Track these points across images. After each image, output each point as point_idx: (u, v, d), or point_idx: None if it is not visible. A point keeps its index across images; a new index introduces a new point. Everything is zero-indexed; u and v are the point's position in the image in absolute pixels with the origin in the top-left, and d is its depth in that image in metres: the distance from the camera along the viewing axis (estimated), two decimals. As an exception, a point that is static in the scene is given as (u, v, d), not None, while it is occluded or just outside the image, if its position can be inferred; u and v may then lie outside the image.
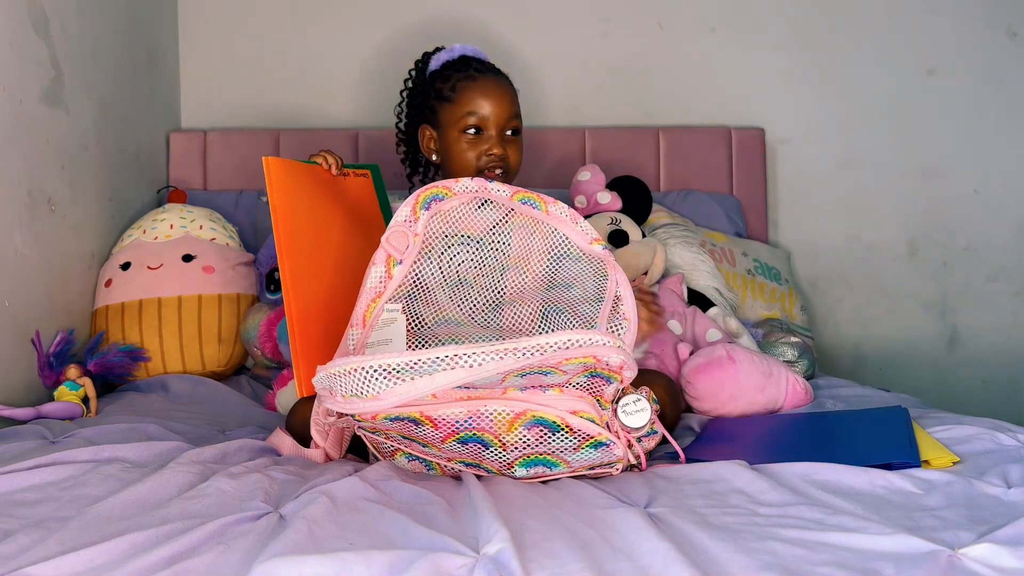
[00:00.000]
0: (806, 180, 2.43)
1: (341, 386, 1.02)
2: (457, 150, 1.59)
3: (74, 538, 0.89)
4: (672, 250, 1.99)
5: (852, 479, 1.07)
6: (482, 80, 1.61)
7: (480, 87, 1.60)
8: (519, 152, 1.61)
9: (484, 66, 1.65)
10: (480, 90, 1.59)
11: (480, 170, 1.57)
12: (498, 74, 1.65)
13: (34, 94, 1.66)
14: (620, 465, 1.15)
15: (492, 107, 1.58)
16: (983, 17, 2.42)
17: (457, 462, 1.14)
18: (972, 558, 0.83)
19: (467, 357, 0.99)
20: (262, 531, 0.91)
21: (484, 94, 1.59)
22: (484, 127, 1.58)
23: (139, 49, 2.14)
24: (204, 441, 1.31)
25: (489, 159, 1.57)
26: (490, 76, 1.63)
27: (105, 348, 1.74)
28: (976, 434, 1.22)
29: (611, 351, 1.05)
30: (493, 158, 1.57)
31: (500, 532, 0.87)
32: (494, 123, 1.58)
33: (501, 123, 1.58)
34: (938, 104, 2.43)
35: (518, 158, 1.61)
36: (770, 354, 1.74)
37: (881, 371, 2.40)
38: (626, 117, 2.39)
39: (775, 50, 2.42)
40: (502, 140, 1.59)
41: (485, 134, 1.58)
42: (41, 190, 1.67)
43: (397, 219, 1.28)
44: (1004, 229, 2.44)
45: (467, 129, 1.58)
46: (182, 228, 1.91)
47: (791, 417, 1.47)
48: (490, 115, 1.58)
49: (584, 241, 1.29)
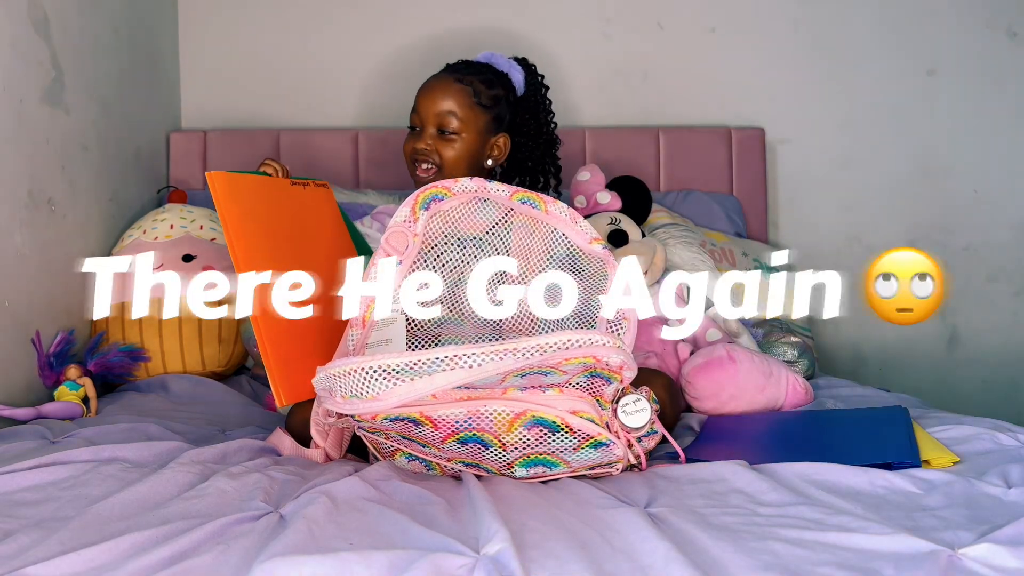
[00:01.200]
0: (806, 180, 2.43)
1: (341, 387, 1.02)
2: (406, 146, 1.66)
3: (74, 538, 0.89)
4: (672, 250, 1.99)
5: (852, 479, 1.07)
6: (428, 80, 1.68)
7: (423, 87, 1.67)
8: (454, 150, 1.63)
9: (449, 67, 1.69)
10: (421, 89, 1.67)
11: (411, 163, 1.65)
12: (446, 73, 1.67)
13: (34, 94, 1.66)
14: (620, 465, 1.15)
15: (422, 104, 1.65)
16: (983, 17, 2.42)
17: (457, 462, 1.14)
18: (972, 558, 0.83)
19: (467, 358, 0.99)
20: (262, 531, 0.91)
21: (421, 92, 1.66)
22: (418, 124, 1.65)
23: (139, 49, 2.13)
24: (204, 441, 1.31)
25: (415, 152, 1.63)
26: (436, 75, 1.68)
27: (105, 348, 1.74)
28: (976, 434, 1.23)
29: (611, 351, 1.05)
30: (418, 151, 1.63)
31: (500, 532, 0.87)
32: (425, 119, 1.64)
33: (429, 119, 1.63)
34: (938, 104, 2.42)
35: (452, 155, 1.63)
36: (770, 354, 1.73)
37: (881, 371, 2.40)
38: (626, 117, 2.39)
39: (775, 50, 2.42)
40: (435, 138, 1.63)
41: (421, 130, 1.64)
42: (41, 190, 1.67)
43: (396, 219, 1.28)
44: (1004, 229, 2.44)
45: (410, 126, 1.66)
46: (182, 228, 1.91)
47: (791, 416, 1.47)
48: (420, 111, 1.65)
49: (584, 240, 1.29)
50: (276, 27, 2.37)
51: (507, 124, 1.70)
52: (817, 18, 2.41)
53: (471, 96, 1.64)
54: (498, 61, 1.72)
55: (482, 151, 1.67)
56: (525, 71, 1.75)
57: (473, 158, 1.65)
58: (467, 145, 1.63)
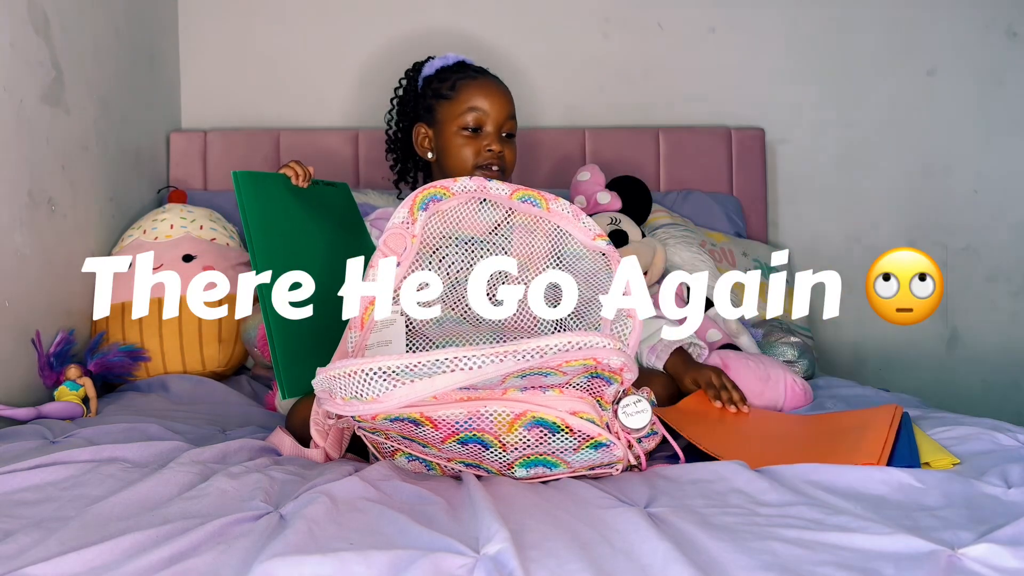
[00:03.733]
0: (806, 180, 2.43)
1: (341, 388, 1.02)
2: (454, 146, 1.58)
3: (74, 538, 0.89)
4: (672, 250, 1.99)
5: (852, 479, 1.07)
6: (482, 79, 1.62)
7: (480, 85, 1.60)
8: (514, 154, 1.61)
9: (481, 70, 1.65)
10: (480, 88, 1.59)
11: (477, 167, 1.56)
12: (495, 77, 1.65)
13: (34, 94, 1.66)
14: (620, 465, 1.15)
15: (491, 105, 1.58)
16: (983, 17, 2.42)
17: (457, 462, 1.14)
18: (972, 558, 0.83)
19: (467, 359, 0.99)
20: (262, 531, 0.91)
21: (484, 92, 1.59)
22: (482, 125, 1.58)
23: (139, 49, 2.14)
24: (204, 441, 1.31)
25: (487, 156, 1.56)
26: (489, 77, 1.64)
27: (105, 348, 1.74)
28: (976, 434, 1.22)
29: (612, 353, 1.05)
30: (491, 155, 1.56)
31: (500, 532, 0.87)
32: (493, 121, 1.57)
33: (499, 122, 1.58)
34: (938, 104, 2.43)
35: (513, 159, 1.61)
36: (770, 354, 1.74)
37: (881, 371, 2.40)
38: (626, 117, 2.39)
39: (775, 50, 2.42)
40: (499, 139, 1.58)
41: (483, 132, 1.58)
42: (41, 190, 1.67)
43: (394, 220, 1.27)
44: (1004, 229, 2.44)
45: (465, 127, 1.57)
46: (182, 228, 1.92)
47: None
48: (489, 112, 1.57)
49: (587, 237, 1.28)
50: (276, 27, 2.38)
51: None
52: (817, 18, 2.42)
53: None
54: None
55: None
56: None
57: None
58: (515, 145, 1.63)
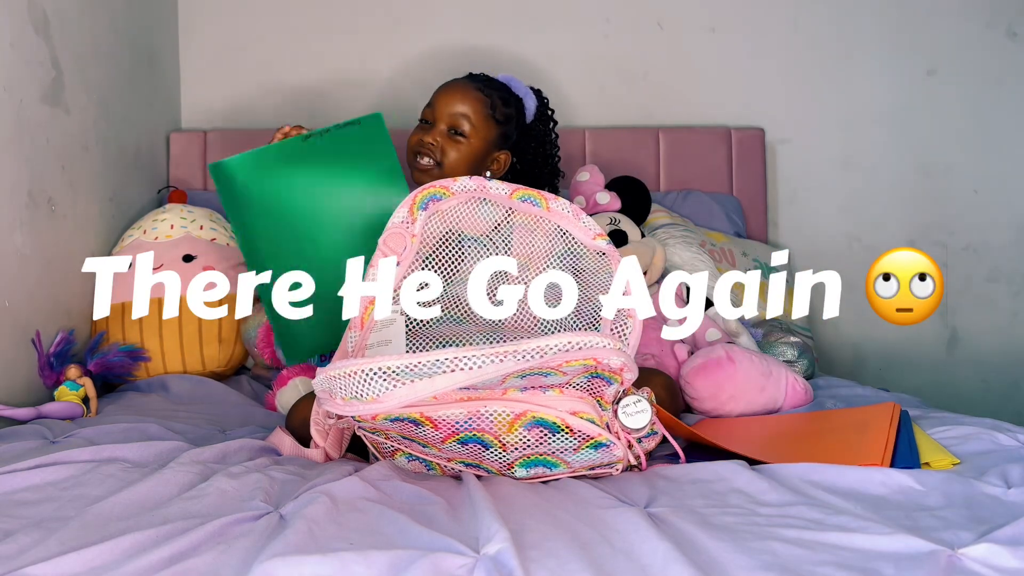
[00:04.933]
0: (806, 180, 2.43)
1: (341, 388, 1.02)
2: (411, 137, 1.67)
3: (74, 538, 0.89)
4: (672, 250, 1.99)
5: (852, 479, 1.07)
6: (451, 80, 1.70)
7: (445, 84, 1.70)
8: (458, 152, 1.64)
9: (472, 76, 1.72)
10: (442, 87, 1.69)
11: (413, 154, 1.65)
12: (466, 78, 1.70)
13: (34, 94, 1.66)
14: (620, 465, 1.15)
15: (439, 99, 1.67)
16: (983, 17, 2.42)
17: (457, 462, 1.14)
18: (972, 558, 0.83)
19: (467, 360, 0.99)
20: (262, 531, 0.91)
21: (441, 89, 1.69)
22: (430, 119, 1.66)
23: (139, 49, 2.13)
24: (204, 441, 1.31)
25: (418, 144, 1.65)
26: (459, 78, 1.71)
27: (105, 348, 1.74)
28: (976, 434, 1.22)
29: (612, 353, 1.05)
30: (424, 144, 1.64)
31: (500, 532, 0.87)
32: (436, 114, 1.65)
33: (443, 116, 1.65)
34: (938, 104, 2.42)
35: (456, 156, 1.64)
36: (770, 354, 1.73)
37: (881, 371, 2.40)
38: (626, 117, 2.39)
39: (775, 50, 2.42)
40: (444, 135, 1.64)
41: (431, 125, 1.66)
42: (41, 190, 1.67)
43: (394, 220, 1.28)
44: (1004, 229, 2.44)
45: (421, 119, 1.68)
46: (182, 228, 1.91)
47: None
48: (435, 106, 1.66)
49: (587, 237, 1.28)
50: (276, 27, 2.37)
51: (511, 144, 1.72)
52: (817, 18, 2.41)
53: (487, 107, 1.66)
54: (516, 85, 1.75)
55: (483, 161, 1.68)
56: (538, 101, 1.79)
57: (473, 165, 1.66)
58: (472, 150, 1.65)
